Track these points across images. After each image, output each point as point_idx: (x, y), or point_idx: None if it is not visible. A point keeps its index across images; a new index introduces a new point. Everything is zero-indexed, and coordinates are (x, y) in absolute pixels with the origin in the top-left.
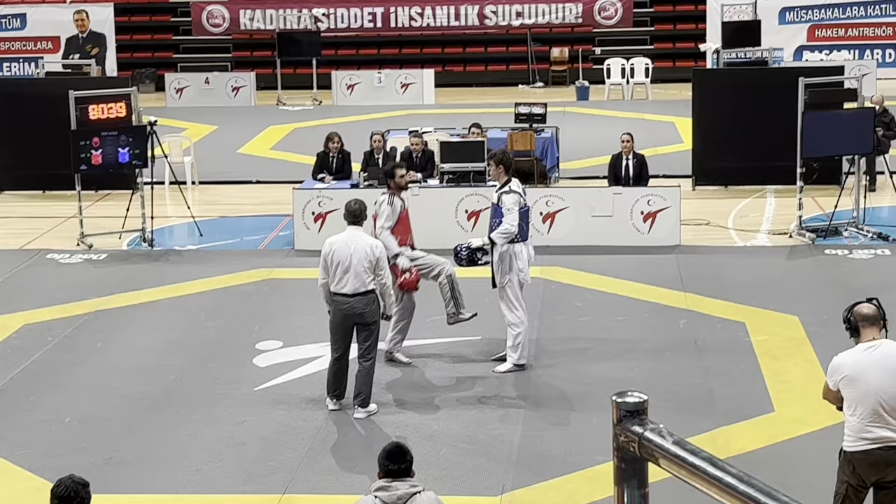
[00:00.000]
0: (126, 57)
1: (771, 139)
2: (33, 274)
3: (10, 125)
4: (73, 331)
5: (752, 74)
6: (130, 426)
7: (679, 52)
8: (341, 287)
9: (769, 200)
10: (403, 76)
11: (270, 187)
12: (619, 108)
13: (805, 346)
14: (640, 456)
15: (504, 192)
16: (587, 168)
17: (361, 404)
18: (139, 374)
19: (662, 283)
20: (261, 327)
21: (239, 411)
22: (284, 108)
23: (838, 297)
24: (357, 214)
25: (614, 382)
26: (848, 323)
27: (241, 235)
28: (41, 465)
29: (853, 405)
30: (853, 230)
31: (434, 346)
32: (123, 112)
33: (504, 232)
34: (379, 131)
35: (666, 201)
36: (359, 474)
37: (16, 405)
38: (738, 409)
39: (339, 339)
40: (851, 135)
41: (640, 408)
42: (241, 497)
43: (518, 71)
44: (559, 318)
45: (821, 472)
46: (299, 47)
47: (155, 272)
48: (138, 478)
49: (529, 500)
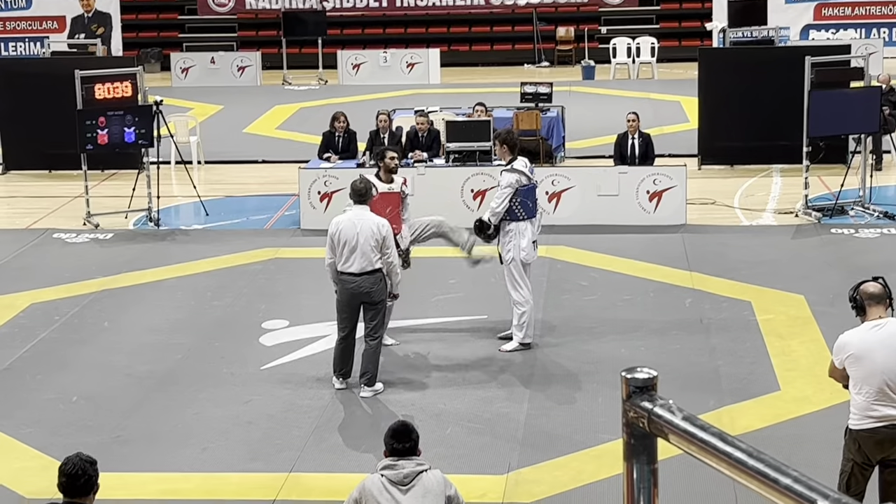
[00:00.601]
0: (131, 36)
1: (777, 118)
2: (40, 253)
3: (16, 105)
4: (80, 310)
5: (758, 53)
6: (137, 405)
7: (685, 32)
8: (348, 266)
9: (775, 179)
10: (409, 56)
11: (276, 167)
12: (625, 88)
13: (811, 325)
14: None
15: (505, 169)
16: (593, 147)
17: (367, 383)
18: (146, 353)
19: (668, 263)
20: (267, 306)
21: (245, 390)
22: (290, 88)
23: (844, 276)
24: (363, 193)
25: (620, 361)
26: (854, 301)
27: (246, 215)
28: (48, 443)
29: (859, 384)
30: (859, 209)
31: (440, 325)
32: (129, 92)
33: (492, 212)
34: (385, 111)
35: (672, 180)
36: (365, 453)
37: (23, 384)
38: (744, 387)
39: (346, 319)
40: (858, 114)
41: (649, 383)
42: (247, 475)
43: (524, 50)
44: (565, 297)
45: (826, 451)
46: (305, 27)
47: (161, 251)
48: (145, 456)
49: (535, 479)
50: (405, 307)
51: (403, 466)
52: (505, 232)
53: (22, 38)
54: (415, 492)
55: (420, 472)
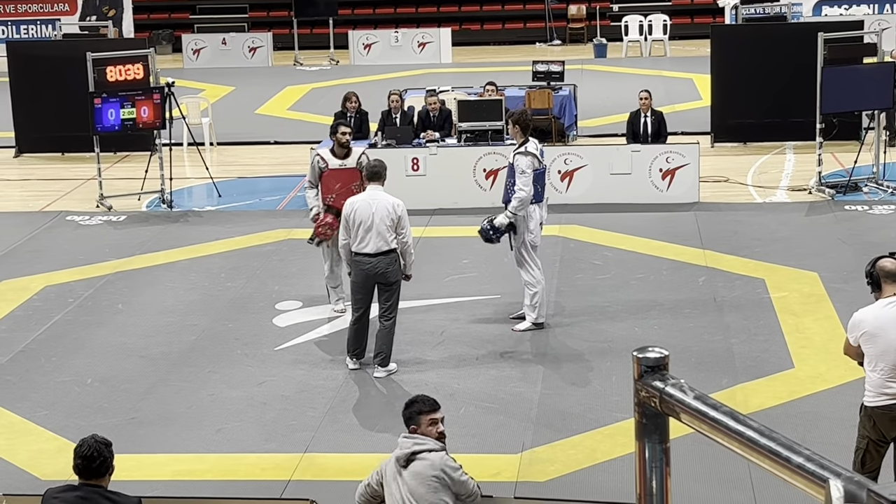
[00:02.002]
0: (143, 18)
1: (790, 95)
2: (53, 236)
3: (28, 88)
4: (94, 292)
5: (770, 30)
6: (152, 386)
7: (697, 9)
8: (363, 247)
9: (788, 157)
10: (420, 35)
11: (288, 148)
12: (637, 66)
13: (825, 302)
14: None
15: (520, 152)
16: (605, 126)
17: (381, 363)
18: (160, 335)
19: (681, 241)
20: (280, 287)
21: (259, 371)
22: (301, 69)
23: (858, 253)
24: (378, 173)
25: (633, 340)
26: (870, 277)
27: (259, 196)
28: (63, 425)
29: (874, 361)
30: (873, 185)
31: (453, 305)
32: (141, 73)
33: (518, 199)
34: (396, 90)
35: (685, 158)
36: (380, 433)
37: (38, 366)
38: (758, 365)
39: (361, 299)
40: (871, 90)
41: (661, 363)
42: (262, 456)
43: (535, 29)
44: (578, 277)
45: (840, 428)
46: (316, 7)
47: (174, 233)
48: (160, 437)
49: (549, 458)
50: (418, 287)
51: (402, 446)
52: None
53: (34, 20)
54: (409, 470)
55: (415, 453)
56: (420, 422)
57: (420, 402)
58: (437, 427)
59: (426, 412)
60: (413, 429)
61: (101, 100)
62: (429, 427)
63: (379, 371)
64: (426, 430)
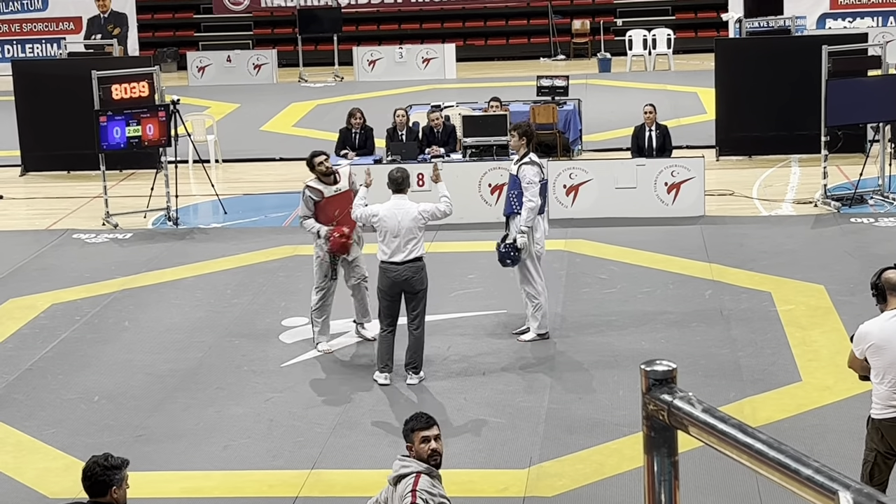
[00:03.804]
0: (148, 36)
1: (794, 108)
2: (60, 254)
3: (33, 106)
4: (101, 310)
5: (774, 43)
6: (158, 404)
7: (701, 22)
8: (390, 255)
9: (793, 169)
10: (424, 51)
11: (293, 164)
12: (642, 80)
13: (831, 315)
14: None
15: (525, 163)
16: (610, 140)
17: (414, 371)
18: (166, 352)
19: (687, 254)
20: (286, 304)
21: (266, 387)
22: (306, 85)
23: (864, 266)
24: (400, 182)
25: (640, 353)
26: (876, 289)
27: (265, 213)
28: (71, 443)
29: (880, 373)
30: (878, 198)
31: (459, 320)
32: (146, 91)
33: (529, 210)
34: (402, 107)
35: (690, 172)
36: (386, 448)
37: (45, 384)
38: (765, 378)
39: (388, 308)
40: (876, 102)
41: (669, 376)
42: (269, 473)
43: (539, 44)
44: (584, 291)
45: (848, 441)
46: (320, 24)
47: (180, 250)
48: (167, 455)
49: (557, 472)
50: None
51: (394, 467)
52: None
53: (39, 39)
54: (397, 492)
55: (401, 476)
56: (413, 439)
57: (414, 419)
58: (430, 444)
59: (418, 429)
60: (408, 446)
61: (107, 118)
62: (421, 445)
63: (412, 378)
64: (418, 448)
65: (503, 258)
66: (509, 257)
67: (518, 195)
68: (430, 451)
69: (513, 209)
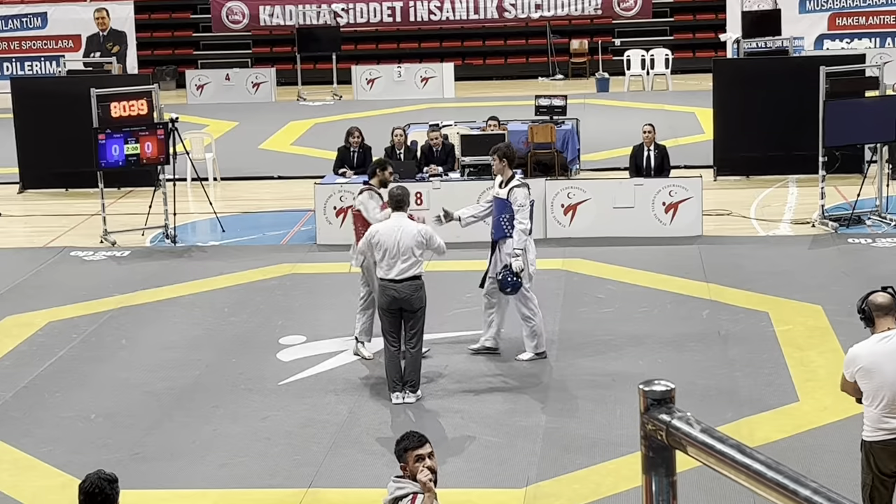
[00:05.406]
0: (147, 54)
1: (792, 128)
2: (57, 271)
3: (32, 124)
4: (98, 327)
5: (772, 64)
6: (155, 422)
7: (699, 43)
8: (388, 272)
9: (791, 190)
10: (423, 70)
11: (292, 182)
12: (640, 100)
13: (829, 336)
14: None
15: (516, 185)
16: (608, 160)
17: (412, 389)
18: (164, 370)
19: (685, 274)
20: (284, 322)
21: (263, 406)
22: (305, 104)
23: (862, 286)
24: (400, 200)
25: (638, 373)
26: (862, 313)
27: (263, 231)
28: (68, 461)
29: (870, 396)
30: (876, 219)
31: (457, 338)
32: (145, 109)
33: (522, 232)
34: (400, 126)
35: (688, 192)
36: (384, 467)
37: (42, 402)
38: (763, 398)
39: (390, 326)
40: (873, 123)
41: (667, 396)
42: (266, 491)
43: (538, 63)
44: (582, 310)
45: (846, 461)
46: (319, 42)
47: (178, 268)
48: (164, 473)
49: (554, 492)
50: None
51: (389, 489)
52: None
53: (38, 57)
54: None
55: (396, 498)
56: (407, 459)
57: (407, 438)
58: (424, 462)
59: (412, 448)
60: (402, 466)
61: (106, 135)
62: (415, 464)
63: (409, 396)
64: (412, 467)
65: (503, 286)
66: (508, 284)
67: (510, 219)
68: (425, 468)
69: (504, 233)
